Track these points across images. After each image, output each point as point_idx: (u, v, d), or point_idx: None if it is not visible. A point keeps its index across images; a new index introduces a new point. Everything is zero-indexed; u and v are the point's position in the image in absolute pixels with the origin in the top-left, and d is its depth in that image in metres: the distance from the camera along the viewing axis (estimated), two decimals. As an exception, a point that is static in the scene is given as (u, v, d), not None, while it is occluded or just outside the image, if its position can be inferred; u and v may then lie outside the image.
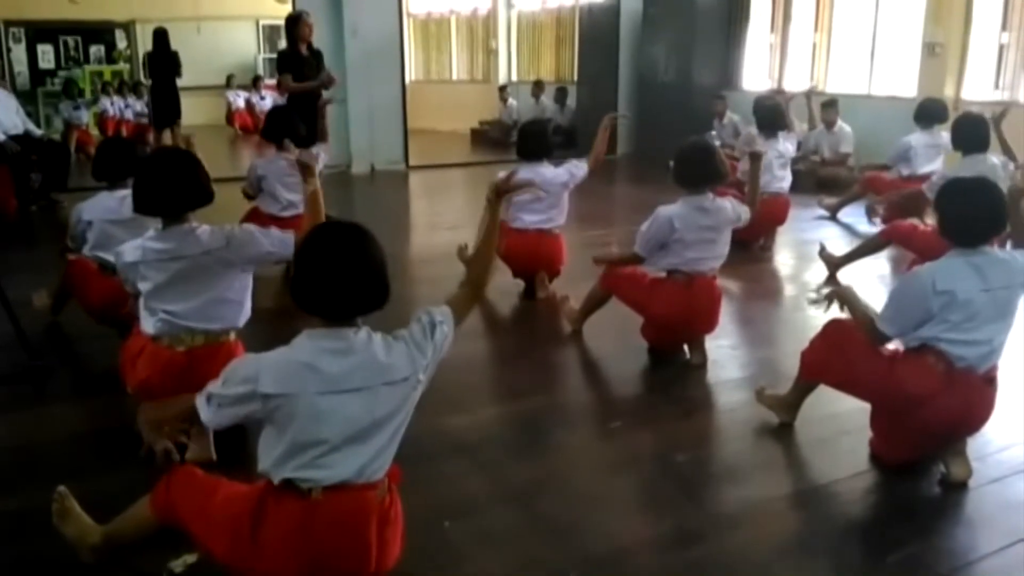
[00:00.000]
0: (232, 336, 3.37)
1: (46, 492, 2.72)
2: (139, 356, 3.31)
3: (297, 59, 7.41)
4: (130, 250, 3.29)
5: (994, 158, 5.74)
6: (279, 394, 2.17)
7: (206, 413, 2.27)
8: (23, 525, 2.91)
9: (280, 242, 3.34)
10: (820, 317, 3.61)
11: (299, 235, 3.29)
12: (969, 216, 3.10)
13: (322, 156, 5.95)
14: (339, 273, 2.20)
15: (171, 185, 3.22)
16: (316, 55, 7.59)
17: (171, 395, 2.79)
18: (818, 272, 6.09)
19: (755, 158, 4.54)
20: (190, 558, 2.61)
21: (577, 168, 5.50)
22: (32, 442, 3.63)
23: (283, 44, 15.17)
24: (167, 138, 11.05)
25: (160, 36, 11.11)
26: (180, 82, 11.44)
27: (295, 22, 7.58)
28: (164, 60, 11.07)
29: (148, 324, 3.27)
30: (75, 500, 2.69)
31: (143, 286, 3.24)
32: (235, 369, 2.25)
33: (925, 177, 6.90)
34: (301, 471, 2.20)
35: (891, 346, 3.31)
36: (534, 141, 5.56)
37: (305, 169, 3.31)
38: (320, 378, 2.18)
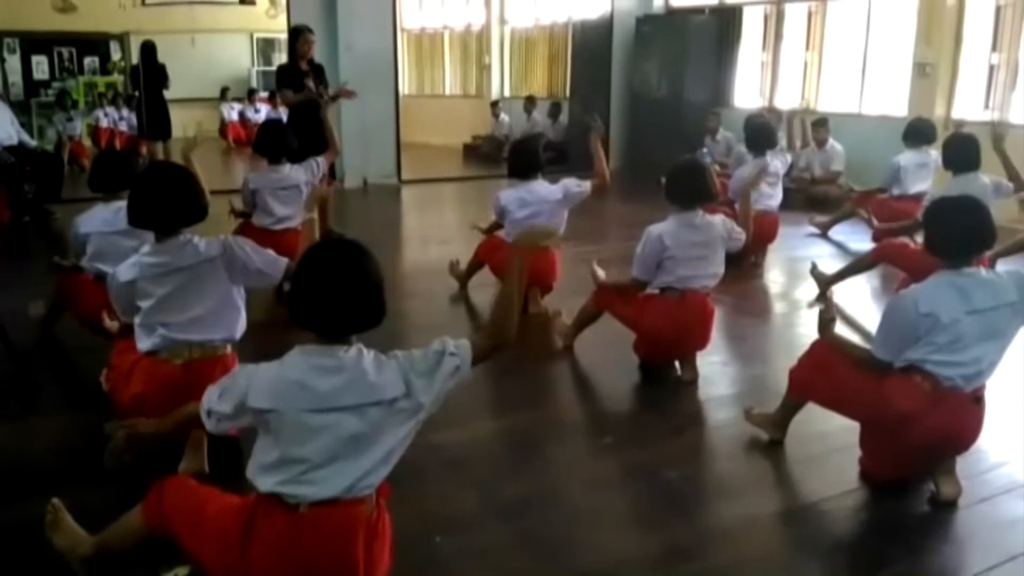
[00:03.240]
0: (229, 349, 3.37)
1: (37, 503, 2.72)
2: (132, 370, 3.28)
3: (296, 74, 7.42)
4: (125, 269, 3.25)
5: (984, 177, 5.77)
6: (268, 409, 2.18)
7: (210, 425, 2.34)
8: (14, 536, 2.90)
9: (272, 263, 3.37)
10: (811, 335, 3.62)
11: (292, 260, 3.34)
12: (955, 234, 3.13)
13: (321, 163, 6.02)
14: (336, 290, 2.21)
15: (167, 200, 3.21)
16: (317, 69, 7.60)
17: (167, 410, 2.78)
18: (809, 289, 6.12)
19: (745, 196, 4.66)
20: (182, 571, 2.60)
21: (575, 186, 5.47)
22: (24, 453, 3.62)
23: (279, 58, 15.10)
24: (159, 151, 11.06)
25: (148, 49, 11.10)
26: (174, 94, 11.46)
27: (295, 37, 7.59)
28: (152, 73, 11.06)
29: (145, 342, 3.24)
30: (67, 511, 2.68)
31: (144, 303, 3.20)
32: (229, 384, 2.28)
33: (916, 196, 6.94)
34: (287, 486, 2.20)
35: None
36: (525, 159, 5.56)
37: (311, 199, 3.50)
38: (309, 395, 2.19)
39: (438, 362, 2.30)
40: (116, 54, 17.29)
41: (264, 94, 17.15)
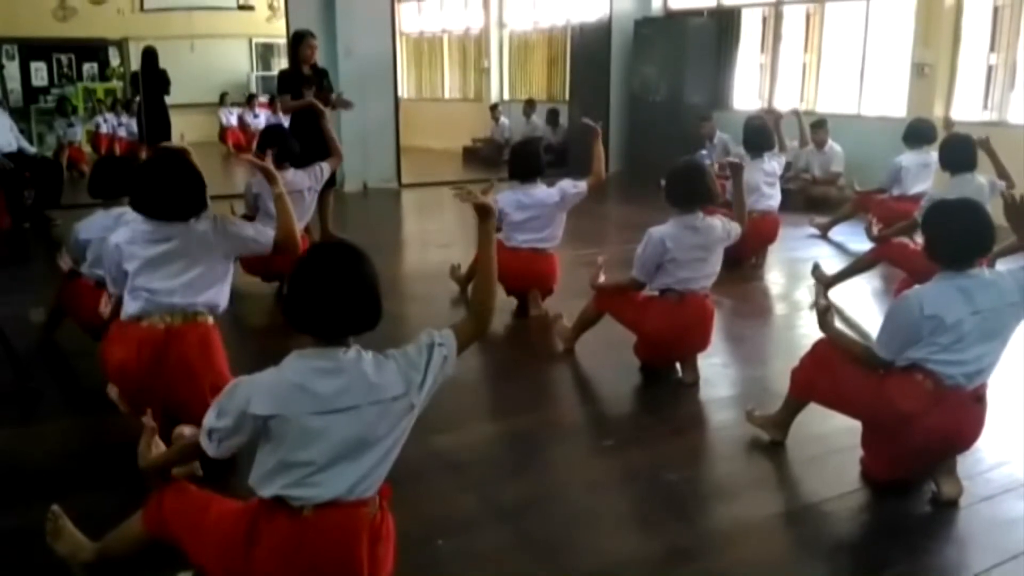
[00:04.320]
0: (211, 320, 3.42)
1: (38, 508, 2.72)
2: (115, 336, 3.37)
3: (297, 79, 7.40)
4: (120, 233, 3.39)
5: (981, 178, 5.77)
6: (271, 415, 2.18)
7: (211, 449, 2.31)
8: (16, 541, 2.90)
9: (261, 231, 3.50)
10: (811, 335, 3.62)
11: (278, 234, 3.46)
12: (955, 238, 3.12)
13: (325, 169, 6.03)
14: (331, 293, 2.21)
15: (171, 191, 3.30)
16: (320, 74, 7.58)
17: (148, 375, 2.79)
18: (809, 290, 6.12)
19: (736, 170, 4.58)
20: (185, 575, 2.60)
21: (572, 187, 5.45)
22: (25, 458, 3.62)
23: (278, 63, 14.99)
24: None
25: (149, 55, 11.13)
26: (172, 99, 11.47)
27: (298, 42, 7.54)
28: (154, 78, 11.09)
29: (131, 307, 3.32)
30: (67, 518, 2.68)
31: (130, 265, 3.30)
32: (227, 399, 2.27)
33: (916, 197, 6.94)
34: (292, 489, 2.20)
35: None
36: (526, 161, 5.56)
37: (267, 175, 3.53)
38: (311, 398, 2.19)
39: (430, 355, 2.34)
40: (115, 60, 17.31)
41: (263, 99, 17.16)
